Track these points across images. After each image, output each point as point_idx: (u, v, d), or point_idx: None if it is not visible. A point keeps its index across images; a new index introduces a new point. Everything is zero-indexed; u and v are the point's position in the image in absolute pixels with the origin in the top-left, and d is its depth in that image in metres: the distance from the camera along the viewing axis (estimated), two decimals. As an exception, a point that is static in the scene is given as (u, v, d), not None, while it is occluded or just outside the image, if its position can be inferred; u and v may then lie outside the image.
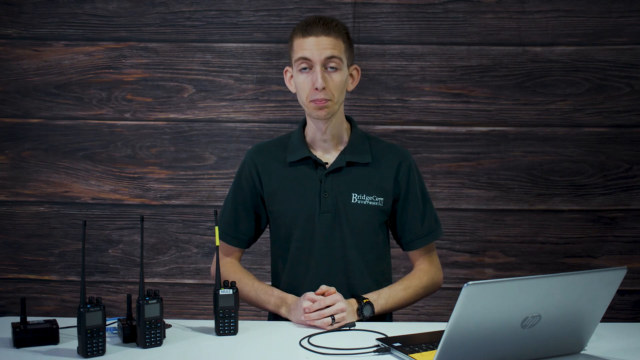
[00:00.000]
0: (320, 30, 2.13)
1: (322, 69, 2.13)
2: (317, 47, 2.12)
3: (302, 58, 2.14)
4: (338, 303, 2.05)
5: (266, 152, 2.29)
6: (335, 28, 2.15)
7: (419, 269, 2.29)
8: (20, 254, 3.11)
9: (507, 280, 1.65)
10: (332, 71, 2.14)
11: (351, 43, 2.21)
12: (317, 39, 2.13)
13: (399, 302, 2.21)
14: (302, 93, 2.17)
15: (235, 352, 1.90)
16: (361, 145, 2.25)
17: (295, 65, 2.16)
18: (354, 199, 2.21)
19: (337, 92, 2.15)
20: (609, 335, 1.98)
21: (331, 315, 2.03)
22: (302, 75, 2.16)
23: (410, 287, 2.23)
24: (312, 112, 2.16)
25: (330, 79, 2.14)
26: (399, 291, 2.21)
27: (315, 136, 2.23)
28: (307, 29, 2.14)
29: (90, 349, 1.83)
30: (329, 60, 2.13)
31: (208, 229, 3.08)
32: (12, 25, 3.05)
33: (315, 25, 2.14)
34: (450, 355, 1.67)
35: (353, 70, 2.23)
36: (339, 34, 2.15)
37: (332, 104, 2.15)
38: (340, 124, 2.24)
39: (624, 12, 2.99)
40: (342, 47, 2.16)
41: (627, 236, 3.05)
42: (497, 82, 3.02)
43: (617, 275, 1.74)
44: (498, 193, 3.05)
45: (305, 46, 2.14)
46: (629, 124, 3.02)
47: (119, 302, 3.07)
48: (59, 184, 3.09)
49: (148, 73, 3.06)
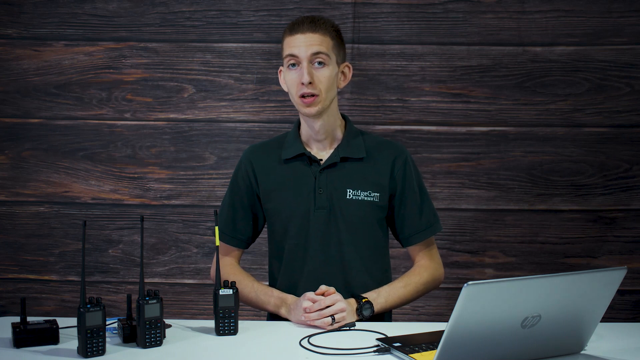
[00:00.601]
0: (307, 27, 2.16)
1: (309, 65, 2.15)
2: (303, 43, 2.15)
3: (290, 55, 2.17)
4: (338, 303, 2.05)
5: (262, 151, 2.30)
6: (322, 25, 2.18)
7: (419, 265, 2.29)
8: (20, 254, 3.11)
9: (507, 280, 1.65)
10: (319, 67, 2.16)
11: (342, 41, 2.23)
12: (304, 36, 2.16)
13: (399, 300, 2.21)
14: (292, 90, 2.19)
15: (235, 352, 1.90)
16: (355, 141, 2.25)
17: (285, 62, 2.19)
18: (348, 195, 2.21)
19: (324, 88, 2.16)
20: (609, 335, 1.98)
21: (331, 316, 2.03)
22: (291, 72, 2.18)
23: (410, 284, 2.23)
24: (302, 109, 2.18)
25: (316, 75, 2.16)
26: (399, 289, 2.21)
27: (309, 133, 2.25)
28: (294, 27, 2.18)
29: (90, 349, 1.83)
30: (315, 56, 2.15)
31: (208, 229, 3.08)
32: (12, 25, 3.05)
33: (302, 23, 2.18)
34: (450, 355, 1.67)
35: (344, 67, 2.24)
36: (326, 31, 2.18)
37: (320, 100, 2.16)
38: (334, 121, 2.25)
39: (624, 12, 2.99)
40: (330, 43, 2.18)
41: (627, 236, 3.05)
42: (497, 82, 3.02)
43: (617, 275, 1.74)
44: (498, 193, 3.05)
45: (292, 43, 2.17)
46: (629, 124, 3.02)
47: (119, 302, 3.07)
48: (59, 184, 3.09)
49: (148, 73, 3.06)
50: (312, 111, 2.17)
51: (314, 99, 2.16)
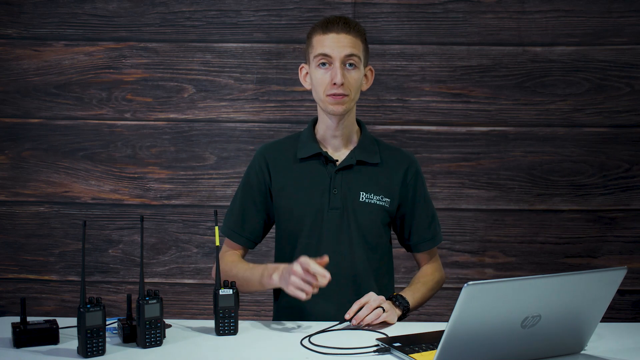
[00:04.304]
0: (341, 28, 2.16)
1: (341, 66, 2.15)
2: (337, 44, 2.15)
3: (322, 54, 2.16)
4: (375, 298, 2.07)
5: (276, 149, 2.30)
6: (355, 27, 2.18)
7: (429, 266, 2.33)
8: (20, 254, 3.11)
9: (507, 280, 1.65)
10: (350, 69, 2.17)
11: (367, 45, 2.24)
12: (337, 36, 2.16)
13: (422, 297, 2.25)
14: (319, 88, 2.18)
15: (235, 352, 1.90)
16: (371, 147, 2.27)
17: (315, 61, 2.18)
18: (362, 197, 2.22)
19: (353, 90, 2.18)
20: (609, 335, 1.98)
21: (380, 307, 2.06)
22: (320, 71, 2.17)
23: (427, 282, 2.28)
24: (328, 106, 2.18)
25: (348, 76, 2.16)
26: (420, 286, 2.26)
27: (327, 133, 2.25)
28: (328, 26, 2.17)
29: (90, 349, 1.83)
30: (348, 57, 2.16)
31: (208, 229, 3.09)
32: (12, 25, 3.05)
33: (336, 23, 2.17)
34: (450, 355, 1.67)
35: (367, 71, 2.25)
36: (358, 34, 2.18)
37: (349, 100, 2.17)
38: (352, 123, 2.26)
39: (624, 12, 2.99)
40: (361, 46, 2.19)
41: (627, 236, 3.05)
42: (497, 82, 3.02)
43: (617, 275, 1.74)
44: (498, 193, 3.05)
45: (325, 42, 2.16)
46: (629, 124, 3.02)
47: (119, 302, 3.07)
48: (59, 184, 3.09)
49: (148, 73, 3.06)
50: (340, 109, 2.17)
51: (343, 98, 2.16)
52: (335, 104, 2.16)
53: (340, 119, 2.21)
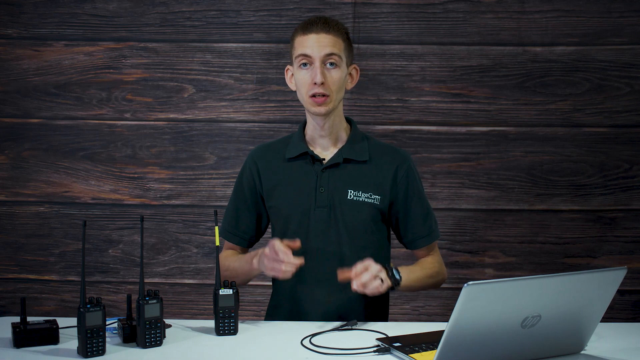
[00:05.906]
0: (321, 27, 2.18)
1: (322, 65, 2.17)
2: (317, 43, 2.17)
3: (302, 55, 2.18)
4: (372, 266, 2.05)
5: (266, 151, 2.32)
6: (335, 26, 2.20)
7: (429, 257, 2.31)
8: (20, 254, 3.11)
9: (507, 280, 1.65)
10: (331, 68, 2.18)
11: (350, 43, 2.25)
12: (317, 36, 2.17)
13: (417, 280, 2.20)
14: (302, 89, 2.20)
15: (235, 352, 1.90)
16: (359, 144, 2.27)
17: (296, 62, 2.20)
18: (349, 195, 2.22)
19: (335, 89, 2.18)
20: (609, 335, 1.98)
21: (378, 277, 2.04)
22: (302, 72, 2.19)
23: (425, 268, 2.26)
24: (311, 108, 2.19)
25: (329, 75, 2.17)
26: (417, 269, 2.23)
27: (314, 133, 2.26)
28: (307, 26, 2.19)
29: (90, 349, 1.83)
30: (328, 57, 2.17)
31: (208, 229, 3.09)
32: (12, 25, 3.05)
33: (315, 23, 2.19)
34: (450, 355, 1.67)
35: (352, 69, 2.26)
36: (338, 33, 2.20)
37: (330, 100, 2.18)
38: (339, 122, 2.26)
39: (624, 12, 2.99)
40: (342, 45, 2.20)
41: (627, 236, 3.05)
42: (497, 82, 3.02)
43: (617, 275, 1.74)
44: (498, 193, 3.05)
45: (305, 43, 2.18)
46: (629, 124, 3.02)
47: (119, 302, 3.07)
48: (59, 184, 3.09)
49: (148, 73, 3.06)
50: (322, 111, 2.18)
51: (325, 99, 2.17)
52: (317, 105, 2.18)
53: (325, 119, 2.22)
